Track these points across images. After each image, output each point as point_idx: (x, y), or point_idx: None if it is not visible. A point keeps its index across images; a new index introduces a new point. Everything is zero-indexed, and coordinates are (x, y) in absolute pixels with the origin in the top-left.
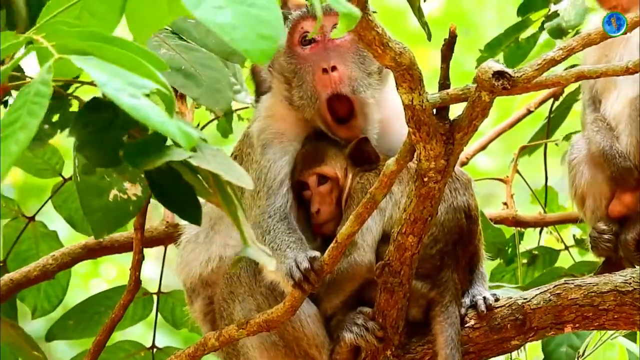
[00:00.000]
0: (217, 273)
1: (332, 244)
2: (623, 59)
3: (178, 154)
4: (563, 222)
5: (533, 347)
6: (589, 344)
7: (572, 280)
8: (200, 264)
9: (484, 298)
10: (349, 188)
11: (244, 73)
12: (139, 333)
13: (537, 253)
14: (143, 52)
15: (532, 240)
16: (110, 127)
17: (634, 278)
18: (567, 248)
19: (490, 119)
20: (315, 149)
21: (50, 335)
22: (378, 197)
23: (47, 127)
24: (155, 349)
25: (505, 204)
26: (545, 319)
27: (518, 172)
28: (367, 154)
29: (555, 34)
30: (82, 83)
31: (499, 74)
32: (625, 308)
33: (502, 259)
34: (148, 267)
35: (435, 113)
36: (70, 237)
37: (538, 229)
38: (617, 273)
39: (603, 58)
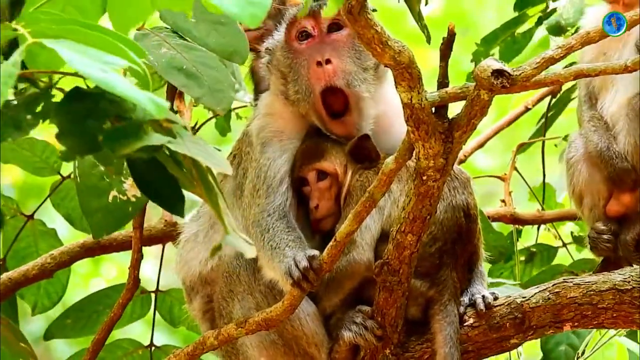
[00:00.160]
0: (216, 271)
1: (331, 243)
2: (622, 58)
3: (157, 139)
4: (561, 219)
5: (529, 345)
6: (589, 344)
7: (571, 279)
8: (200, 263)
9: (483, 297)
10: (348, 185)
11: (242, 71)
12: (138, 332)
13: (534, 250)
14: (120, 37)
15: (530, 237)
16: (90, 115)
17: (633, 277)
18: (565, 245)
19: (489, 117)
20: (316, 145)
21: (49, 334)
22: (377, 195)
23: (29, 117)
24: (154, 347)
25: (503, 202)
26: (544, 318)
27: (516, 169)
28: (367, 151)
29: (554, 32)
30: (64, 74)
31: (498, 73)
32: (624, 306)
33: (503, 257)
34: (147, 266)
35: (434, 112)
36: (70, 236)
37: (536, 226)
38: (616, 272)
39: (601, 56)
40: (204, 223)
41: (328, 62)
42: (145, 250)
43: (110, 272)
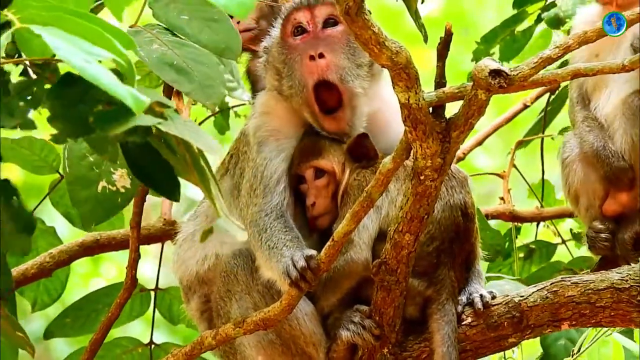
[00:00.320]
0: (213, 271)
1: (328, 242)
2: (616, 59)
3: (146, 120)
4: (560, 216)
5: (528, 344)
6: (584, 341)
7: (568, 278)
8: (197, 262)
9: (481, 296)
10: (346, 184)
11: (240, 70)
12: (138, 331)
13: (534, 247)
14: (109, 28)
15: (529, 235)
16: (82, 101)
17: (631, 275)
18: (564, 242)
19: (488, 115)
20: (314, 143)
21: (48, 333)
22: (374, 195)
23: (22, 104)
24: (153, 345)
25: (502, 199)
26: (542, 317)
27: (515, 166)
28: (366, 150)
29: (553, 24)
30: (57, 61)
31: (496, 73)
32: (622, 305)
33: (500, 254)
34: (147, 265)
35: (432, 111)
36: (69, 235)
37: (535, 223)
38: (613, 270)
39: (593, 58)
40: (201, 222)
41: (321, 56)
42: (145, 249)
43: (110, 271)
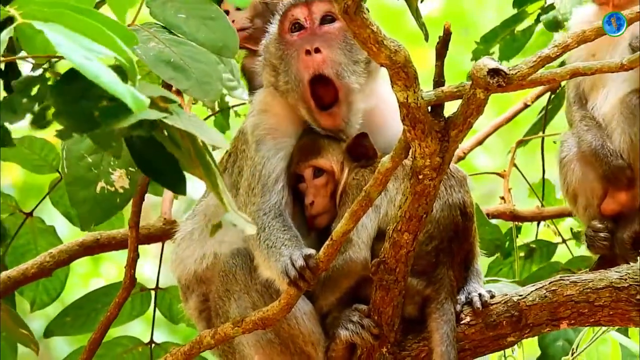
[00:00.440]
0: (211, 270)
1: (327, 242)
2: (613, 58)
3: (152, 114)
4: (560, 215)
5: (529, 343)
6: (583, 340)
7: (567, 277)
8: (195, 261)
9: (480, 295)
10: (344, 183)
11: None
12: (138, 331)
13: (534, 246)
14: (112, 24)
15: (530, 234)
16: (85, 97)
17: (630, 274)
18: (564, 241)
19: (488, 114)
20: (313, 142)
21: (49, 332)
22: (373, 194)
23: (25, 100)
24: (154, 345)
25: (503, 198)
26: (541, 316)
27: (515, 165)
28: (365, 149)
29: (551, 27)
30: (60, 58)
31: (494, 72)
32: (621, 304)
33: (499, 253)
34: (147, 265)
35: (430, 111)
36: (69, 235)
37: (535, 223)
38: (612, 269)
39: (590, 58)
40: (200, 221)
41: (317, 51)
42: (145, 249)
43: (110, 271)
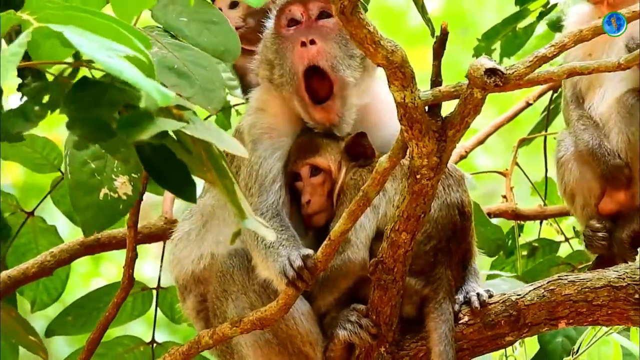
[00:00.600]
0: (209, 270)
1: (325, 242)
2: (609, 58)
3: (171, 124)
4: (562, 214)
5: (530, 343)
6: (584, 341)
7: (565, 276)
8: (192, 261)
9: (478, 294)
10: (342, 183)
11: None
12: (139, 331)
13: (537, 245)
14: (124, 25)
15: (532, 233)
16: (99, 104)
17: (628, 273)
18: (567, 240)
19: (490, 113)
20: (310, 140)
21: (50, 332)
22: (371, 194)
23: (37, 108)
24: (155, 344)
25: (505, 197)
26: (539, 315)
27: (517, 164)
28: (363, 149)
29: (555, 27)
30: (70, 65)
31: (491, 71)
32: (619, 303)
33: (502, 252)
34: (148, 265)
35: (428, 110)
36: (70, 234)
37: (537, 221)
38: (610, 269)
39: (586, 57)
40: (196, 221)
41: (312, 42)
42: (146, 248)
43: (110, 271)
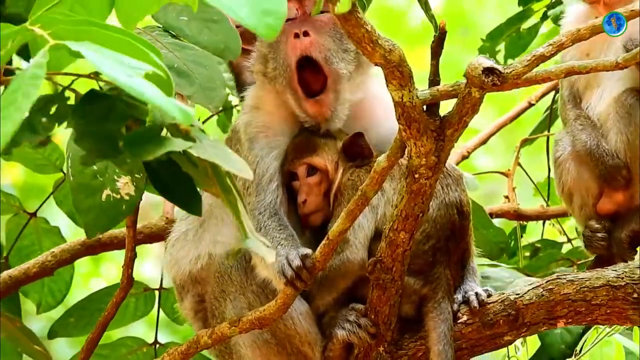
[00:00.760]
0: (206, 270)
1: (323, 241)
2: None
3: (179, 144)
4: (565, 215)
5: (533, 342)
6: (587, 341)
7: (564, 275)
8: (190, 262)
9: (477, 294)
10: (339, 184)
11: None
12: (141, 332)
13: (539, 246)
14: (137, 38)
15: (535, 234)
16: (108, 118)
17: (627, 273)
18: (569, 240)
19: (490, 114)
20: (308, 140)
21: (52, 333)
22: (369, 193)
23: (44, 120)
24: (158, 345)
25: (507, 197)
26: (538, 314)
27: (520, 165)
28: (360, 149)
29: (559, 21)
30: (79, 76)
31: (489, 71)
32: (618, 303)
33: (504, 252)
34: (149, 265)
35: (426, 110)
36: (72, 235)
37: (540, 222)
38: (609, 268)
39: (584, 57)
40: (193, 222)
41: (306, 34)
42: (147, 248)
43: (111, 272)
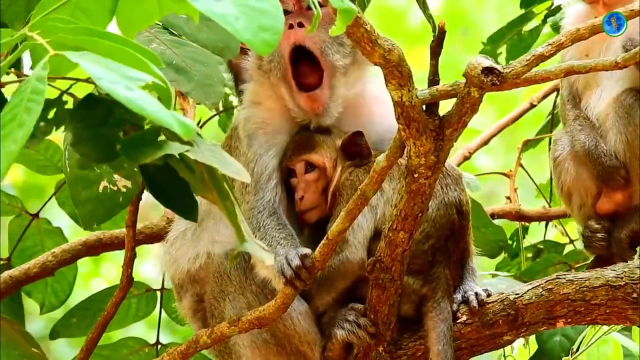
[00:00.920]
0: (205, 270)
1: (323, 241)
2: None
3: (175, 148)
4: (566, 216)
5: (533, 343)
6: (584, 340)
7: (564, 275)
8: (188, 261)
9: (476, 294)
10: (337, 183)
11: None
12: (140, 332)
13: (542, 247)
14: (137, 47)
15: (538, 235)
16: (105, 123)
17: (626, 273)
18: (572, 242)
19: (491, 115)
20: (307, 137)
21: (54, 334)
22: (368, 193)
23: (42, 124)
24: (160, 346)
25: (509, 198)
26: (538, 314)
27: (522, 166)
28: (360, 148)
29: (559, 30)
30: (77, 80)
31: (488, 70)
32: (617, 302)
33: (506, 253)
34: (149, 265)
35: (425, 109)
36: (73, 235)
37: (543, 223)
38: (608, 268)
39: (583, 57)
40: None
41: (301, 25)
42: (148, 248)
43: (111, 272)
